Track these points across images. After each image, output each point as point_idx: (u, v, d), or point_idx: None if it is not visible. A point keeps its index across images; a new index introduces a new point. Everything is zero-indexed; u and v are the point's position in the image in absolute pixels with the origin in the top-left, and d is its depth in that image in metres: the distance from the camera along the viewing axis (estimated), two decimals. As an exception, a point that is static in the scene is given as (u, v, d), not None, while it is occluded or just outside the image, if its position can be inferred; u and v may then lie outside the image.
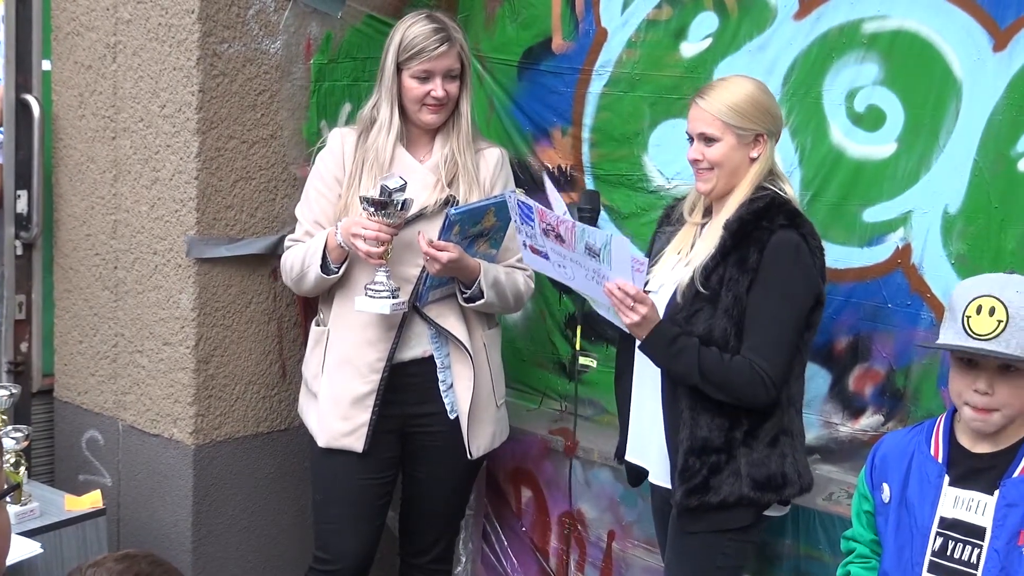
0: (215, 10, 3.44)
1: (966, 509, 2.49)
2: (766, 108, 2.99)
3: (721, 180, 3.00)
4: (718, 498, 2.94)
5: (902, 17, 3.11)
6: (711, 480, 2.93)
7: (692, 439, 2.94)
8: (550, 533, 3.86)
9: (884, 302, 3.19)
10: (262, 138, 3.61)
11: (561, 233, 2.95)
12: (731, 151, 2.97)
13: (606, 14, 3.65)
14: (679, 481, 2.96)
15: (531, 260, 3.16)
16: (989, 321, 2.45)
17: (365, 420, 3.37)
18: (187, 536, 3.63)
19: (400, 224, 3.21)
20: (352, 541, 3.48)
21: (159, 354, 3.64)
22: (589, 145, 3.74)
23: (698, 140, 3.00)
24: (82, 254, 3.82)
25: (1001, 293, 2.46)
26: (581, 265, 2.97)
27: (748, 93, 2.97)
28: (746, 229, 2.91)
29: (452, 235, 3.24)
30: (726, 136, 2.96)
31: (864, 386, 3.28)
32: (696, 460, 2.93)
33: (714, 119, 2.96)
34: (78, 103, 3.76)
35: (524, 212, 3.03)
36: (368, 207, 3.16)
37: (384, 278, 3.22)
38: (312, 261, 3.32)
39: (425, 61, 3.31)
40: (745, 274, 2.89)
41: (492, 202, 3.30)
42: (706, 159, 2.99)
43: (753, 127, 2.96)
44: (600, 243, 2.88)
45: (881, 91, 3.17)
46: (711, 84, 3.05)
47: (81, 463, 3.89)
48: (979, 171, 3.02)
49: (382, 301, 3.21)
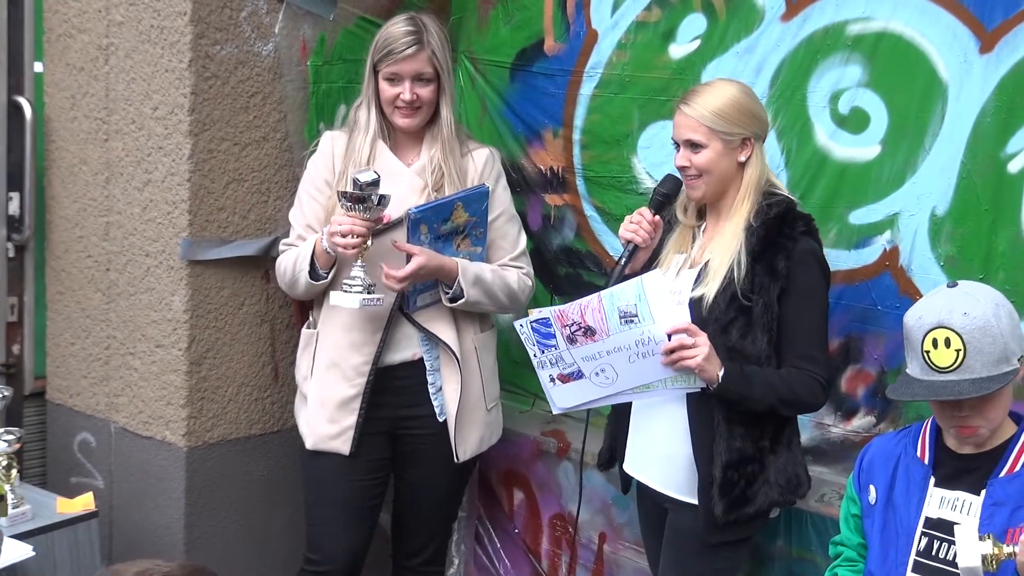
0: (207, 12, 3.45)
1: (951, 509, 2.51)
2: (751, 111, 2.98)
3: (711, 186, 2.99)
4: (754, 508, 2.95)
5: (887, 19, 3.12)
6: (747, 491, 2.93)
7: (729, 451, 2.90)
8: (542, 535, 3.87)
9: (873, 304, 3.19)
10: (255, 140, 3.62)
11: (590, 322, 2.80)
12: (718, 157, 2.96)
13: (596, 16, 3.66)
14: (720, 495, 2.90)
15: (565, 397, 2.96)
16: (948, 353, 2.48)
17: (351, 423, 3.38)
18: (179, 538, 3.63)
19: (378, 219, 3.20)
20: (342, 543, 3.49)
21: (151, 356, 3.64)
22: (580, 147, 3.74)
23: (684, 147, 2.99)
24: (74, 256, 3.82)
25: (951, 321, 2.47)
26: (623, 350, 2.82)
27: (732, 97, 2.96)
28: (771, 236, 2.90)
29: (421, 235, 3.23)
30: (712, 142, 2.95)
31: (856, 387, 3.29)
32: (735, 472, 2.90)
33: (699, 125, 2.94)
34: (70, 105, 3.76)
35: (540, 332, 2.88)
36: (345, 202, 3.17)
37: (360, 273, 3.21)
38: (302, 267, 3.33)
39: (393, 63, 3.31)
40: (776, 281, 2.89)
41: (458, 197, 3.29)
42: (693, 166, 2.97)
43: (739, 131, 2.95)
44: (633, 296, 2.75)
45: (865, 93, 3.18)
46: (694, 90, 3.03)
47: (73, 465, 3.89)
48: (967, 173, 3.02)
49: (354, 295, 3.20)
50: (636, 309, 2.75)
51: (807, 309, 2.93)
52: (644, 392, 2.91)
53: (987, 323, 2.46)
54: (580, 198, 3.76)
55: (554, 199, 3.81)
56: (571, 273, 3.81)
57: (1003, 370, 2.45)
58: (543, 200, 3.82)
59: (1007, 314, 2.50)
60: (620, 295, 2.76)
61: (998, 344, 2.45)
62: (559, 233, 3.81)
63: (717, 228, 3.03)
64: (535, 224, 3.69)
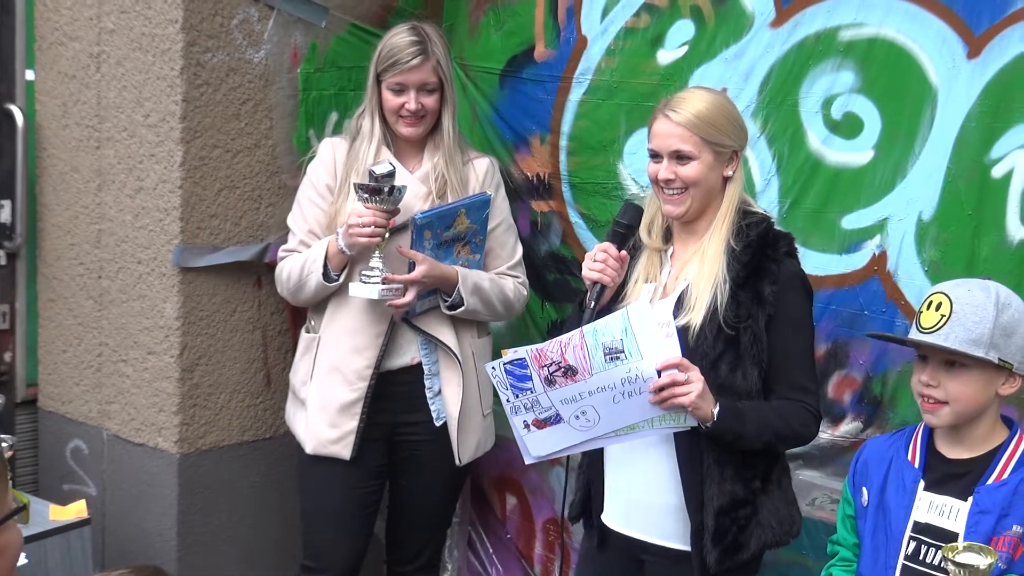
0: (199, 20, 3.46)
1: (939, 514, 2.50)
2: (739, 122, 2.81)
3: (696, 202, 2.76)
4: (748, 553, 2.75)
5: (878, 25, 3.13)
6: (740, 537, 2.72)
7: (721, 495, 2.69)
8: (535, 540, 3.87)
9: (861, 309, 3.20)
10: (246, 147, 3.62)
11: (571, 360, 2.55)
12: (708, 170, 2.74)
13: (587, 22, 3.67)
14: (713, 543, 2.69)
15: (540, 444, 2.69)
16: (934, 316, 2.50)
17: (353, 427, 3.38)
18: (172, 545, 3.63)
19: (395, 210, 3.21)
20: (340, 549, 3.49)
21: (143, 363, 3.64)
22: (566, 153, 3.74)
23: (670, 159, 2.75)
24: (66, 263, 3.82)
25: (953, 290, 2.51)
26: (607, 389, 2.56)
27: (722, 106, 2.78)
28: (755, 260, 2.70)
29: (425, 241, 3.25)
30: (703, 153, 2.73)
31: (843, 393, 3.29)
32: (727, 518, 2.69)
33: (690, 135, 2.72)
34: (62, 113, 3.77)
35: (515, 374, 2.63)
36: (363, 194, 3.18)
37: (379, 264, 3.23)
38: (313, 269, 3.33)
39: (399, 73, 3.33)
40: (763, 308, 2.69)
41: (461, 204, 3.32)
42: (680, 179, 2.74)
43: (731, 143, 2.77)
44: (619, 330, 2.51)
45: (858, 98, 3.18)
46: (680, 97, 2.79)
47: (66, 473, 3.89)
48: (952, 178, 3.04)
49: (372, 286, 3.22)
50: (622, 344, 2.51)
51: (796, 336, 2.74)
52: (628, 434, 2.66)
53: (983, 306, 2.46)
54: (566, 204, 3.76)
55: (540, 206, 3.82)
56: (559, 279, 3.81)
57: (975, 352, 2.44)
58: (530, 207, 3.83)
59: (1014, 319, 2.47)
60: (604, 330, 2.52)
61: (983, 328, 2.44)
62: (546, 239, 3.82)
63: (689, 250, 2.81)
64: (522, 230, 3.70)
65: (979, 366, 2.47)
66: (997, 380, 2.50)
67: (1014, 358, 2.47)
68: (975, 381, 2.49)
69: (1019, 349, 2.47)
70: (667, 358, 2.54)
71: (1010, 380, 2.50)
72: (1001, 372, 2.49)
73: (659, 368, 2.53)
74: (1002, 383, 2.50)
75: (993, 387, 2.50)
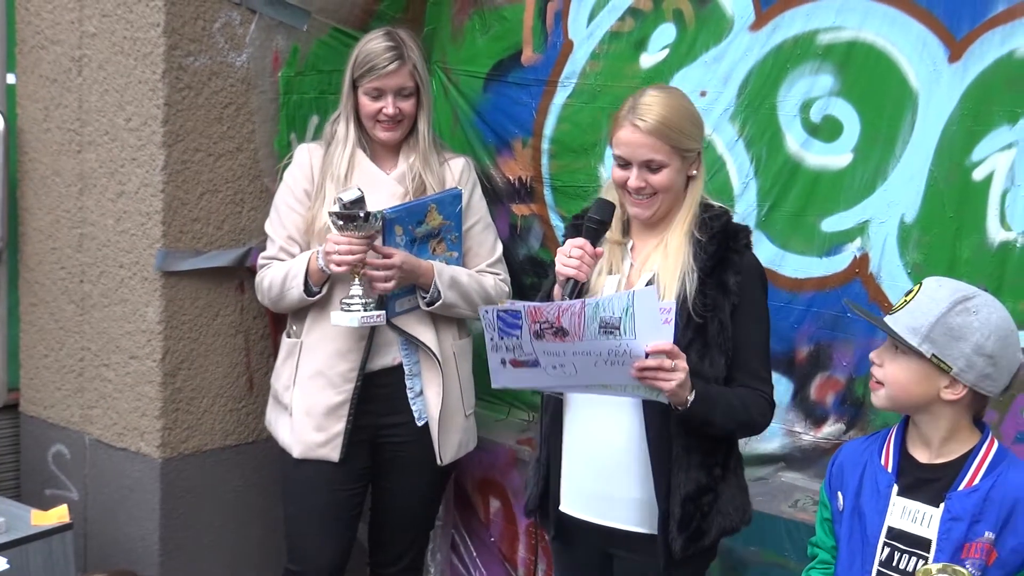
0: (180, 24, 3.45)
1: (912, 520, 2.48)
2: (699, 121, 2.83)
3: (665, 204, 2.80)
4: (709, 540, 2.82)
5: (857, 28, 3.14)
6: (703, 523, 2.79)
7: (688, 483, 2.75)
8: (518, 543, 3.87)
9: (843, 311, 3.20)
10: (228, 151, 3.62)
11: (564, 324, 2.58)
12: (676, 175, 2.77)
13: (574, 26, 3.67)
14: (679, 530, 2.75)
15: (510, 378, 2.73)
16: (902, 300, 2.51)
17: (340, 429, 3.39)
18: (155, 550, 3.62)
19: (371, 235, 3.21)
20: (325, 553, 3.49)
21: (126, 368, 3.63)
22: (548, 156, 3.75)
23: (640, 167, 2.76)
24: (48, 268, 3.81)
25: (929, 282, 2.51)
26: (591, 355, 2.60)
27: (685, 108, 2.79)
28: (720, 251, 2.75)
29: (396, 237, 3.26)
30: (673, 160, 2.75)
31: (825, 395, 3.31)
32: (692, 505, 2.76)
33: (660, 144, 2.73)
34: (43, 116, 3.76)
35: (505, 321, 2.66)
36: (336, 221, 3.18)
37: (359, 291, 3.24)
38: (294, 284, 3.34)
39: (376, 79, 3.34)
40: (728, 298, 2.74)
41: (431, 199, 3.33)
42: (650, 186, 2.76)
43: (696, 146, 2.79)
44: (619, 311, 2.53)
45: (837, 102, 3.20)
46: (644, 103, 2.75)
47: (47, 478, 3.88)
48: (934, 181, 3.05)
49: (352, 314, 3.22)
50: (620, 322, 2.54)
51: (757, 327, 2.80)
52: (599, 390, 2.71)
53: (938, 300, 2.44)
54: (547, 208, 3.77)
55: (521, 209, 3.82)
56: (536, 283, 3.81)
57: (909, 340, 2.43)
58: (510, 210, 3.83)
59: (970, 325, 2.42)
60: (607, 306, 2.55)
61: (926, 320, 2.43)
62: (525, 243, 3.83)
63: (650, 243, 2.85)
64: (502, 234, 3.70)
65: (917, 357, 2.45)
66: (937, 380, 2.45)
67: (955, 362, 2.42)
68: (910, 370, 2.46)
69: (963, 356, 2.42)
70: (659, 343, 2.56)
71: (953, 386, 2.45)
72: (941, 373, 2.44)
73: (649, 351, 2.56)
74: (945, 386, 2.46)
75: (932, 385, 2.45)
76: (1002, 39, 2.94)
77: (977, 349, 2.42)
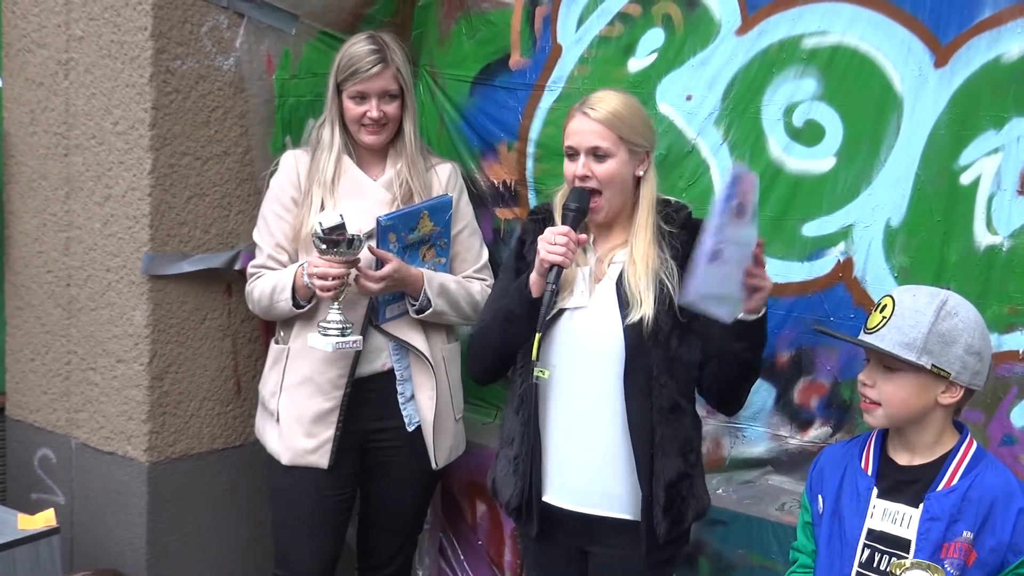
0: (168, 27, 3.45)
1: (892, 522, 2.50)
2: (651, 124, 2.91)
3: (612, 203, 2.85)
4: (686, 523, 2.91)
5: (842, 33, 3.15)
6: (682, 507, 2.87)
7: (669, 469, 2.84)
8: (505, 546, 3.87)
9: (827, 315, 3.22)
10: (216, 154, 3.62)
11: (746, 200, 2.52)
12: (623, 168, 2.83)
13: (562, 31, 3.68)
14: (663, 514, 2.83)
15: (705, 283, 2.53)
16: (878, 317, 2.52)
17: (329, 436, 3.39)
18: (142, 554, 3.62)
19: (354, 260, 3.21)
20: (314, 559, 3.49)
21: (112, 371, 3.63)
22: (533, 160, 3.75)
23: (587, 155, 2.83)
24: (34, 271, 3.80)
25: (900, 295, 2.52)
26: (737, 244, 2.54)
27: (637, 108, 2.87)
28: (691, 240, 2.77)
29: (390, 244, 3.26)
30: (620, 151, 2.82)
31: (809, 399, 3.32)
32: (673, 490, 2.84)
33: (608, 132, 2.80)
34: (30, 120, 3.75)
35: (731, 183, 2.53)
36: (319, 245, 3.18)
37: (336, 316, 3.23)
38: (282, 298, 3.34)
39: (359, 82, 3.34)
40: None
41: (424, 205, 3.33)
42: (595, 176, 2.82)
43: (644, 143, 2.86)
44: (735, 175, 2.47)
45: (820, 106, 3.21)
46: (596, 96, 2.86)
47: (34, 482, 3.87)
48: (921, 185, 3.06)
49: (328, 338, 3.22)
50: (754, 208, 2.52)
51: None
52: (706, 305, 2.56)
53: (922, 311, 2.46)
54: (531, 212, 3.78)
55: (505, 213, 3.83)
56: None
57: (907, 356, 2.45)
58: (494, 214, 3.84)
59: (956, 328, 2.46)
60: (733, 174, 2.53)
61: (917, 332, 2.44)
62: (507, 247, 3.82)
63: (612, 240, 2.92)
64: (486, 238, 3.70)
65: (913, 370, 2.46)
66: (935, 387, 2.48)
67: (952, 367, 2.45)
68: (908, 385, 2.48)
69: (958, 359, 2.45)
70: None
71: (951, 389, 2.48)
72: (939, 380, 2.47)
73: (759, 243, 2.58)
74: (942, 391, 2.49)
75: (930, 394, 2.49)
76: (988, 44, 2.96)
77: (968, 349, 2.46)
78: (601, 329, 2.84)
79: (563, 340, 2.87)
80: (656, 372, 2.81)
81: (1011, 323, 2.97)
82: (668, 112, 3.45)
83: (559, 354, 2.88)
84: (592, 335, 2.85)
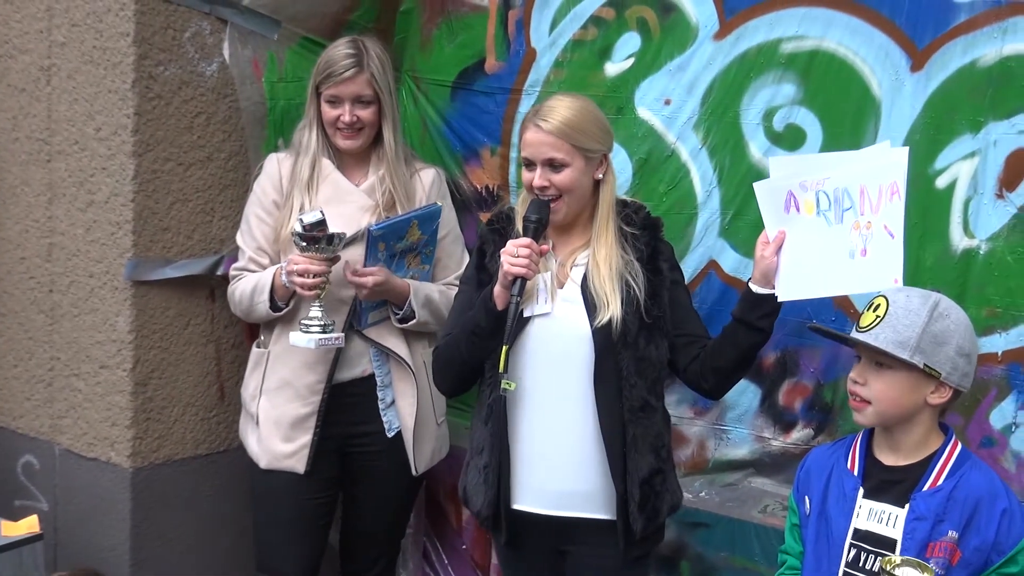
0: (150, 33, 3.45)
1: (878, 521, 2.53)
2: (606, 126, 2.92)
3: (571, 207, 2.88)
4: (661, 518, 2.94)
5: (820, 37, 3.17)
6: (656, 503, 2.90)
7: (643, 466, 2.87)
8: (490, 550, 3.88)
9: (809, 318, 3.20)
10: (199, 160, 3.62)
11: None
12: (579, 175, 2.85)
13: (536, 34, 3.68)
14: (639, 511, 2.86)
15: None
16: (871, 316, 2.54)
17: (307, 441, 3.39)
18: (125, 560, 3.62)
19: (334, 258, 3.22)
20: (295, 562, 3.49)
21: (96, 377, 3.63)
22: (516, 165, 3.74)
23: (543, 166, 2.84)
24: (16, 278, 3.80)
25: (894, 295, 2.55)
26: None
27: (591, 112, 2.88)
28: (653, 241, 2.91)
29: (379, 253, 3.26)
30: (575, 160, 2.83)
31: (793, 401, 3.33)
32: (647, 487, 2.87)
33: (561, 143, 2.82)
34: (11, 126, 3.75)
35: None
36: (299, 242, 3.19)
37: (318, 313, 3.24)
38: (260, 299, 3.35)
39: (333, 85, 3.35)
40: (663, 283, 2.89)
41: (414, 215, 3.33)
42: (554, 186, 2.84)
43: (599, 147, 2.87)
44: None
45: (799, 110, 3.22)
46: (547, 104, 2.88)
47: (17, 488, 3.86)
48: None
49: (310, 336, 3.22)
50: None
51: (688, 297, 2.99)
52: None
53: (916, 311, 2.49)
54: (514, 216, 3.78)
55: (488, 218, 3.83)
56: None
57: (900, 354, 2.47)
58: (478, 219, 3.84)
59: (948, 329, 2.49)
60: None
61: (912, 331, 2.47)
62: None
63: (572, 244, 2.95)
64: (469, 242, 3.70)
65: (905, 369, 2.49)
66: (925, 387, 2.52)
67: (942, 367, 2.49)
68: (899, 384, 2.51)
69: (949, 360, 2.49)
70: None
71: (940, 390, 2.52)
72: (929, 380, 2.51)
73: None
74: (931, 391, 2.52)
75: (920, 393, 2.52)
76: (964, 49, 2.98)
77: (959, 350, 2.50)
78: (570, 333, 2.87)
79: (532, 348, 2.89)
80: (626, 372, 2.84)
81: (990, 325, 2.99)
82: (647, 117, 3.46)
83: (529, 361, 2.89)
84: (562, 339, 2.87)
